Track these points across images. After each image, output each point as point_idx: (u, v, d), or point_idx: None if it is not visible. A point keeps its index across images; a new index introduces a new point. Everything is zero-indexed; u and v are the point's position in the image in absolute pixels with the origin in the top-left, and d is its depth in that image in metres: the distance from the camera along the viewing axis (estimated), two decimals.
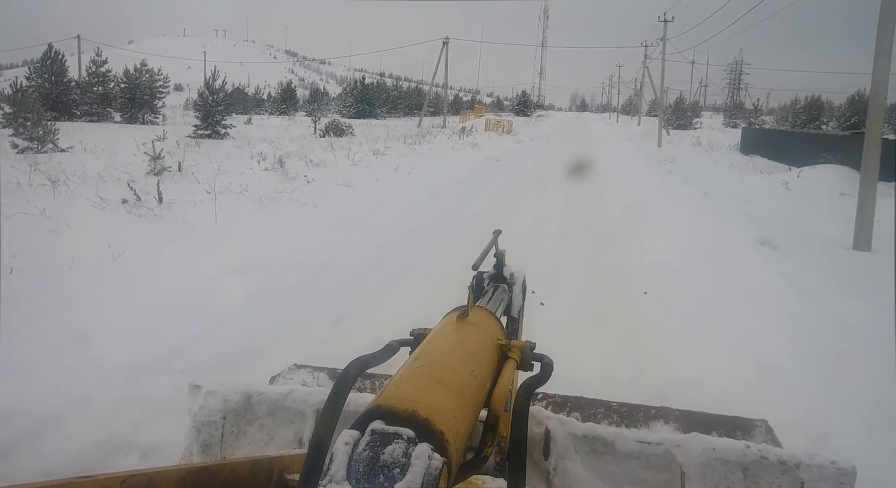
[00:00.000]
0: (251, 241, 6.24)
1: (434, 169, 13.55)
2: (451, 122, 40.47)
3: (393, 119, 48.16)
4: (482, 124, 34.85)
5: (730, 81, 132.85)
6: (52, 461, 2.44)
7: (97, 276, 4.79)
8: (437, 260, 6.02)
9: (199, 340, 3.82)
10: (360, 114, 45.37)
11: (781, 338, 4.23)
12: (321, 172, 11.84)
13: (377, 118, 46.51)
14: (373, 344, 1.31)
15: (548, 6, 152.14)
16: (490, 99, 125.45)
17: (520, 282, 1.89)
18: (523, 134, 33.11)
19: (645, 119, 67.95)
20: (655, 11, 36.79)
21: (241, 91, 75.49)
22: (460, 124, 35.95)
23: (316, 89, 73.07)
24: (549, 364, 1.31)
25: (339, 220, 7.52)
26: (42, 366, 3.25)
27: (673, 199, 10.48)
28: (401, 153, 17.10)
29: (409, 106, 57.37)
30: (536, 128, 41.35)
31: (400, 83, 66.64)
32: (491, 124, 34.27)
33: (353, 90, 47.64)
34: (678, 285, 5.40)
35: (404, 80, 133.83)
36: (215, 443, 1.76)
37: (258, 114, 51.69)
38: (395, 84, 63.21)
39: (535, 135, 33.41)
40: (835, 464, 1.43)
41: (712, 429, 1.83)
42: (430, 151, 18.46)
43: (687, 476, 1.50)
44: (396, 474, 0.81)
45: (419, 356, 1.16)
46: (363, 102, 46.17)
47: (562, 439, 1.60)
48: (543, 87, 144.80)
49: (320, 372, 2.26)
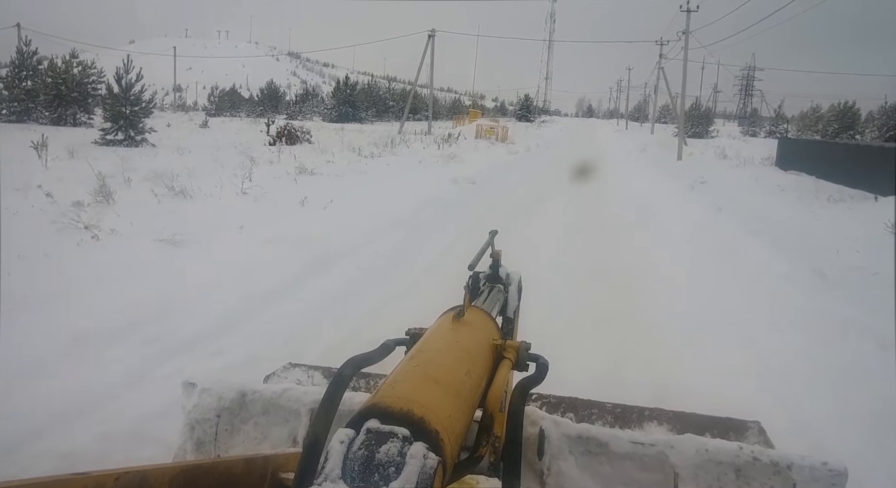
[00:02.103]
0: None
1: (368, 200, 9.14)
2: (444, 128, 36.04)
3: (383, 123, 43.70)
4: (474, 130, 30.37)
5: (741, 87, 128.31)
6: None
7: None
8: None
9: None
10: (344, 117, 40.94)
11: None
12: (173, 209, 7.48)
13: (362, 122, 42.07)
14: None
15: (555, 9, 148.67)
16: (494, 103, 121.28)
17: (515, 283, 1.90)
18: (520, 142, 28.60)
19: (656, 126, 63.17)
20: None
21: (235, 92, 71.67)
22: (451, 130, 31.50)
23: (306, 91, 68.98)
24: (544, 364, 1.32)
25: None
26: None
27: (747, 279, 6.00)
28: (345, 170, 12.71)
29: (413, 110, 52.71)
30: (537, 136, 36.73)
31: (394, 85, 62.14)
32: (483, 131, 29.79)
33: (336, 91, 43.10)
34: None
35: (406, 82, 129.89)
36: (209, 441, 1.73)
37: (236, 116, 47.55)
38: (387, 86, 58.70)
39: (534, 143, 28.87)
40: (826, 466, 1.44)
41: (705, 431, 1.83)
42: (386, 167, 14.06)
43: (680, 477, 1.51)
44: (391, 473, 0.80)
45: (415, 355, 1.15)
46: (347, 105, 41.67)
47: (556, 439, 1.60)
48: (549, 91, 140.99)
49: (315, 371, 2.25)
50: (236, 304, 4.47)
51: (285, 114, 49.39)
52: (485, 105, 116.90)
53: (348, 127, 35.25)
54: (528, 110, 66.73)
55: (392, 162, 15.22)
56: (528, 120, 64.69)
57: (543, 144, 30.14)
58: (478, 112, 44.95)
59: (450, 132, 26.76)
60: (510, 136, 31.25)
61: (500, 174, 15.18)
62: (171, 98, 71.73)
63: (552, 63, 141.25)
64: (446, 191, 10.75)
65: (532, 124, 59.64)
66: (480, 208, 9.68)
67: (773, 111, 72.63)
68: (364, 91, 54.89)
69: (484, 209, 9.62)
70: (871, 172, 14.15)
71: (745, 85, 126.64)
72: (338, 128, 33.06)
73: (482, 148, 23.11)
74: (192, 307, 4.27)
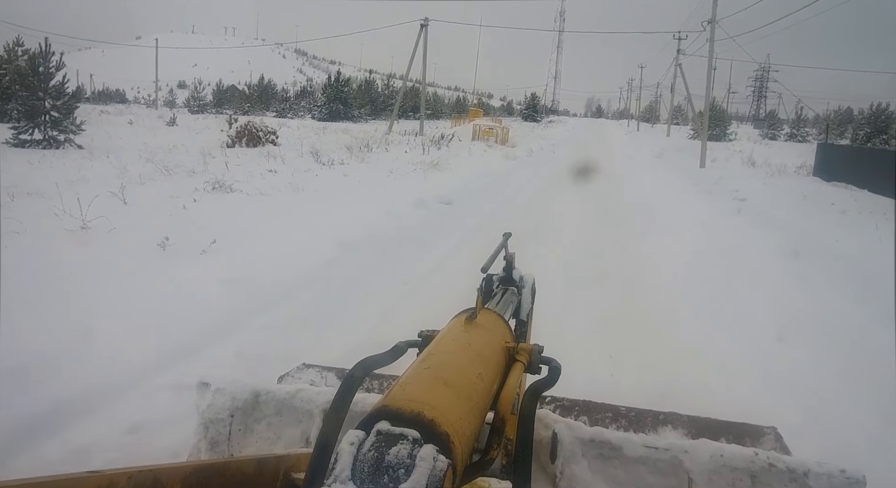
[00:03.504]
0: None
1: (266, 241, 6.15)
2: (443, 128, 33.03)
3: (380, 122, 40.59)
4: (472, 132, 27.30)
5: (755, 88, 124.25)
6: None
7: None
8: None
9: None
10: (334, 115, 37.96)
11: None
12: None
13: (355, 121, 39.04)
14: None
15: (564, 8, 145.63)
16: (502, 102, 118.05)
17: (529, 285, 1.87)
18: (523, 145, 25.52)
19: (666, 128, 59.10)
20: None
21: (235, 88, 68.94)
22: (445, 131, 28.46)
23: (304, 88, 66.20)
24: (556, 367, 1.31)
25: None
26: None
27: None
28: (281, 184, 9.74)
29: (404, 108, 49.64)
30: (542, 138, 33.51)
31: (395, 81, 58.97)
32: (480, 132, 26.72)
33: (326, 88, 40.04)
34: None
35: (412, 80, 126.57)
36: (223, 441, 1.71)
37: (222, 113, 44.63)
38: (386, 82, 55.64)
39: (538, 146, 25.78)
40: (844, 473, 1.38)
41: (721, 436, 1.80)
42: (342, 179, 11.07)
43: (694, 482, 1.47)
44: (401, 475, 0.80)
45: (427, 357, 1.15)
46: (338, 102, 38.64)
47: (569, 443, 1.54)
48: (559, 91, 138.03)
49: (328, 372, 2.25)
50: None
51: (275, 111, 46.52)
52: (491, 104, 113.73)
53: (336, 126, 32.30)
54: (534, 110, 63.53)
55: (354, 171, 12.23)
56: (535, 120, 61.51)
57: (548, 147, 27.04)
58: (479, 111, 41.72)
59: (442, 133, 23.72)
60: (511, 138, 28.19)
61: (490, 188, 12.16)
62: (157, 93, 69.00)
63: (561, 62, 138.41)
64: (401, 221, 7.71)
65: (538, 124, 56.43)
66: (438, 255, 6.59)
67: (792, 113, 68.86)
68: (361, 88, 51.99)
69: (446, 256, 6.57)
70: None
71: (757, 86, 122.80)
72: (323, 127, 30.14)
73: (476, 151, 20.07)
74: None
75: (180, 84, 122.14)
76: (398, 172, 12.48)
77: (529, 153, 22.06)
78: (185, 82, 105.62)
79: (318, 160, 13.09)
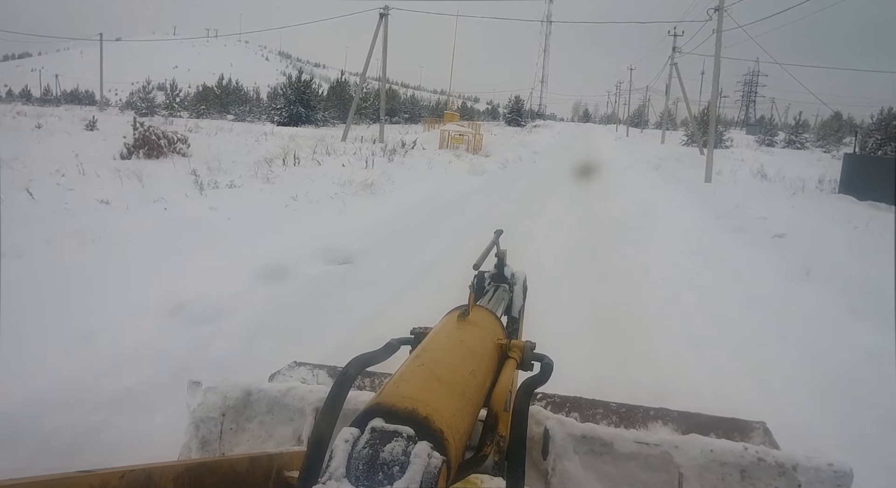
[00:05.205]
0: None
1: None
2: (415, 134, 29.46)
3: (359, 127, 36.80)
4: (440, 138, 23.73)
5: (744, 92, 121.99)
6: None
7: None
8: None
9: None
10: (294, 118, 34.24)
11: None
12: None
13: (318, 125, 35.33)
14: None
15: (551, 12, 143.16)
16: (488, 106, 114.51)
17: (521, 282, 1.88)
18: (498, 154, 21.94)
19: (655, 132, 55.25)
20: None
21: (211, 89, 64.99)
22: (411, 136, 24.86)
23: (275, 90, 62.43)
24: (548, 364, 1.29)
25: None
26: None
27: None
28: (98, 226, 6.16)
29: (389, 111, 45.53)
30: (523, 145, 29.89)
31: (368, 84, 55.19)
32: (449, 138, 23.16)
33: (285, 89, 36.27)
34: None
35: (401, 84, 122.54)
36: (214, 440, 1.71)
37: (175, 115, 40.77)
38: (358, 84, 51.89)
39: (515, 156, 22.22)
40: (832, 467, 1.42)
41: (710, 431, 1.79)
42: (207, 213, 7.44)
43: (685, 477, 1.49)
44: (396, 472, 0.79)
45: (420, 354, 1.14)
46: (299, 104, 34.89)
47: (560, 439, 1.57)
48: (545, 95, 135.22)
49: (320, 370, 2.21)
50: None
51: (233, 114, 42.74)
52: (477, 108, 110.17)
53: (293, 131, 28.60)
54: (518, 114, 60.15)
55: (240, 198, 8.58)
56: (519, 124, 58.12)
57: (528, 157, 23.52)
58: (455, 115, 38.16)
59: (402, 140, 20.14)
60: (487, 145, 24.67)
61: (430, 224, 8.54)
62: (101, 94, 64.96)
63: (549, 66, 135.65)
64: (191, 337, 4.08)
65: (522, 129, 52.99)
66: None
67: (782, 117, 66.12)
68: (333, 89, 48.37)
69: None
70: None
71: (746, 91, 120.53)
72: (272, 131, 26.47)
73: (439, 163, 16.50)
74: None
75: (160, 86, 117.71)
76: (306, 199, 8.87)
77: (504, 165, 18.51)
78: (164, 84, 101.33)
79: (197, 182, 9.41)
